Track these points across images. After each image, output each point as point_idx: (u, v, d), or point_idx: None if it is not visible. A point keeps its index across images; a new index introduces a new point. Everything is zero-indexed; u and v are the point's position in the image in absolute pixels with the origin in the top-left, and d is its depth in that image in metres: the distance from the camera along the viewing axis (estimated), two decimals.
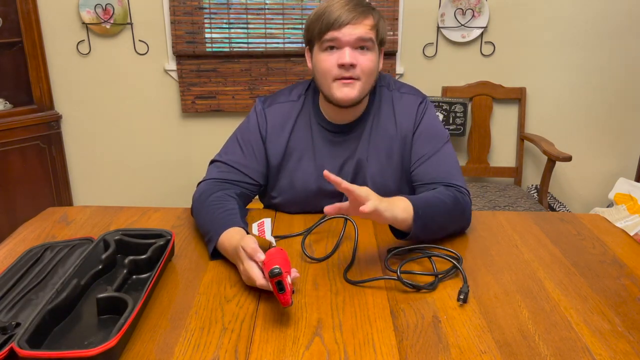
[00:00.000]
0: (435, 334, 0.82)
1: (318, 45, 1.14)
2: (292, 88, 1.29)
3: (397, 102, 1.24)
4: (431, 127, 1.23)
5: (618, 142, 2.80)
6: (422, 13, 2.60)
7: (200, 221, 1.12)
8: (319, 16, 1.12)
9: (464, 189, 1.17)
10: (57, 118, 2.57)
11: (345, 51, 1.11)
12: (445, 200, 1.10)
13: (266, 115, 1.25)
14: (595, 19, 2.59)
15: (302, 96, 1.26)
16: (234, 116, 2.72)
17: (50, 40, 2.54)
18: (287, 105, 1.26)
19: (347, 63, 1.10)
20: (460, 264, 0.99)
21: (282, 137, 1.24)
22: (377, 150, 1.23)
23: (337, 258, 1.05)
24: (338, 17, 1.09)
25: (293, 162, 1.25)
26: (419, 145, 1.22)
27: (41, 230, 1.18)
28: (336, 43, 1.11)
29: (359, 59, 1.12)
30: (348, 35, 1.10)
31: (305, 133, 1.24)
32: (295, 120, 1.25)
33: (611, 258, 1.07)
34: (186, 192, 2.82)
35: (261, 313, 0.87)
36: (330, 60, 1.12)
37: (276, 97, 1.28)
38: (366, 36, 1.11)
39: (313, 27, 1.14)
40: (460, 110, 2.62)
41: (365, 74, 1.13)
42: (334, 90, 1.14)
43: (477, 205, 2.36)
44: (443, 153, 1.22)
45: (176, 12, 2.53)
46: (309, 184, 1.24)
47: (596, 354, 0.78)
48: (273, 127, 1.24)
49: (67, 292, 0.84)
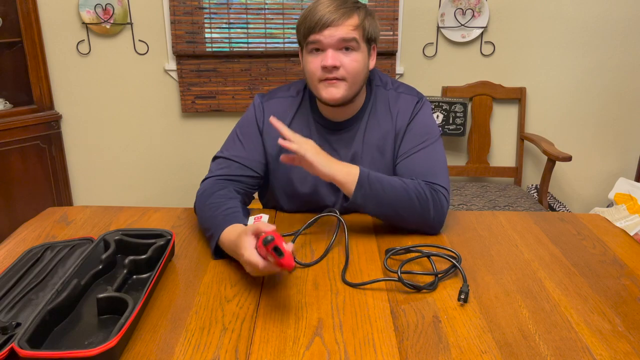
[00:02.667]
0: (435, 334, 0.82)
1: (305, 47, 1.16)
2: (291, 85, 1.30)
3: (393, 101, 1.25)
4: (422, 124, 1.23)
5: (618, 142, 2.80)
6: (422, 13, 2.60)
7: (203, 219, 1.12)
8: (304, 18, 1.14)
9: (442, 187, 1.15)
10: (57, 118, 2.57)
11: (328, 53, 1.11)
12: (406, 188, 1.11)
13: (264, 109, 1.26)
14: (595, 19, 2.59)
15: (300, 92, 1.28)
16: (234, 116, 2.72)
17: (50, 40, 2.54)
18: (286, 100, 1.27)
19: (329, 65, 1.11)
20: (459, 264, 0.99)
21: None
22: (371, 147, 1.23)
23: (337, 258, 1.05)
24: (319, 20, 1.10)
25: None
26: (407, 141, 1.22)
27: (41, 230, 1.18)
28: (319, 45, 1.12)
29: (343, 60, 1.12)
30: (329, 37, 1.11)
31: (303, 128, 1.25)
32: (294, 115, 1.26)
33: (611, 258, 1.07)
34: (186, 192, 2.83)
35: (261, 313, 0.87)
36: (314, 63, 1.14)
37: (275, 92, 1.30)
38: (348, 37, 1.11)
39: (300, 29, 1.16)
40: (460, 110, 2.62)
41: (350, 74, 1.13)
42: (320, 91, 1.15)
43: (477, 205, 2.36)
44: (429, 150, 1.20)
45: (176, 12, 2.53)
46: (307, 179, 1.25)
47: (596, 354, 0.78)
48: None
49: (68, 292, 0.84)
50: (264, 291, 0.93)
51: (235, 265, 1.02)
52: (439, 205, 1.13)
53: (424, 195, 1.12)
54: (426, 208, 1.12)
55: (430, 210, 1.12)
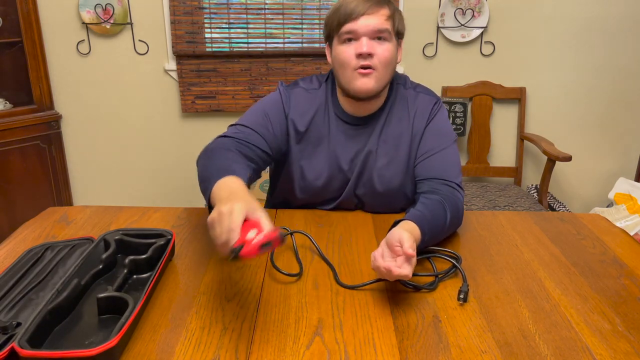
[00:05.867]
0: (435, 334, 0.82)
1: (337, 38, 1.17)
2: (312, 77, 1.31)
3: (411, 101, 1.26)
4: (441, 126, 1.26)
5: (618, 142, 2.80)
6: (422, 13, 2.60)
7: (201, 167, 1.07)
8: (335, 10, 1.16)
9: (458, 185, 1.20)
10: (57, 118, 2.57)
11: (362, 41, 1.13)
12: (445, 212, 1.10)
13: (290, 96, 1.27)
14: (595, 19, 2.59)
15: (322, 84, 1.29)
16: (234, 116, 2.72)
17: (50, 40, 2.54)
18: (311, 92, 1.28)
19: (365, 52, 1.13)
20: (459, 264, 0.99)
21: (304, 120, 1.25)
22: (387, 145, 1.25)
23: (336, 257, 1.05)
24: (354, 9, 1.13)
25: (309, 149, 1.26)
26: (426, 142, 1.24)
27: (41, 230, 1.18)
28: (354, 35, 1.14)
29: (376, 49, 1.14)
30: (364, 26, 1.13)
31: (323, 122, 1.26)
32: (317, 108, 1.26)
33: (611, 258, 1.07)
34: (186, 192, 2.83)
35: (262, 313, 0.87)
36: (348, 51, 1.15)
37: (298, 82, 1.30)
38: (382, 27, 1.13)
39: (331, 21, 1.18)
40: (460, 110, 2.62)
41: (382, 64, 1.15)
42: (354, 81, 1.16)
43: (477, 205, 2.36)
44: (447, 152, 1.23)
45: (176, 12, 2.53)
46: (321, 171, 1.26)
47: (596, 354, 0.78)
48: (295, 107, 1.26)
49: (68, 291, 0.84)
50: (264, 291, 0.93)
51: (236, 265, 1.02)
52: (462, 205, 1.18)
53: (456, 207, 1.14)
54: (459, 218, 1.16)
55: (459, 214, 1.16)
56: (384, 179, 1.24)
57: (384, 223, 1.21)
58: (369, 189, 1.26)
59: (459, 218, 1.15)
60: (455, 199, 1.15)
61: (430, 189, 1.18)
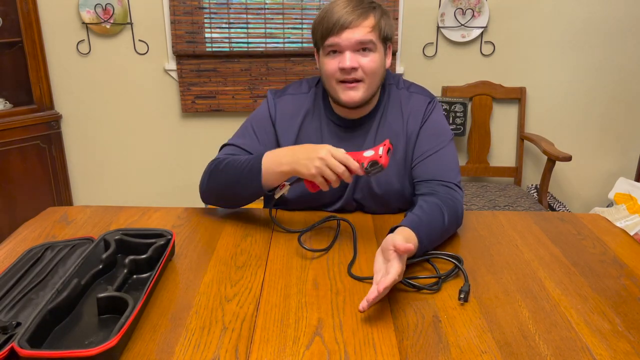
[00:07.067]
0: (435, 334, 0.82)
1: (322, 49, 1.17)
2: (302, 81, 1.31)
3: (405, 101, 1.25)
4: (436, 125, 1.25)
5: (618, 142, 2.80)
6: (422, 13, 2.60)
7: (225, 175, 1.16)
8: (320, 19, 1.15)
9: (456, 185, 1.20)
10: (57, 118, 2.57)
11: (346, 55, 1.12)
12: (443, 215, 1.09)
13: (276, 105, 1.27)
14: (595, 19, 2.59)
15: (312, 89, 1.28)
16: (234, 116, 2.72)
17: (50, 40, 2.54)
18: (299, 97, 1.28)
19: (348, 67, 1.12)
20: (461, 264, 0.99)
21: (292, 126, 1.26)
22: None
23: (336, 257, 1.05)
24: (337, 22, 1.11)
25: None
26: (422, 143, 1.23)
27: (41, 230, 1.18)
28: (337, 47, 1.13)
29: (361, 61, 1.13)
30: (347, 40, 1.11)
31: (314, 126, 1.26)
32: (306, 112, 1.26)
33: (611, 258, 1.07)
34: (186, 192, 2.83)
35: (262, 313, 0.87)
36: (332, 64, 1.14)
37: (287, 89, 1.31)
38: (365, 39, 1.12)
39: (316, 31, 1.17)
40: (460, 110, 2.62)
41: (368, 75, 1.14)
42: (339, 94, 1.16)
43: (477, 205, 2.36)
44: (444, 152, 1.23)
45: (176, 12, 2.53)
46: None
47: (596, 354, 0.78)
48: (283, 115, 1.26)
49: (68, 291, 0.84)
50: (264, 291, 0.93)
51: (236, 265, 1.02)
52: (461, 206, 1.17)
53: (455, 209, 1.13)
54: (458, 219, 1.15)
55: (458, 214, 1.15)
56: (382, 182, 1.24)
57: (384, 223, 1.21)
58: (367, 193, 1.26)
59: (457, 220, 1.14)
60: (454, 200, 1.15)
61: (428, 191, 1.17)
